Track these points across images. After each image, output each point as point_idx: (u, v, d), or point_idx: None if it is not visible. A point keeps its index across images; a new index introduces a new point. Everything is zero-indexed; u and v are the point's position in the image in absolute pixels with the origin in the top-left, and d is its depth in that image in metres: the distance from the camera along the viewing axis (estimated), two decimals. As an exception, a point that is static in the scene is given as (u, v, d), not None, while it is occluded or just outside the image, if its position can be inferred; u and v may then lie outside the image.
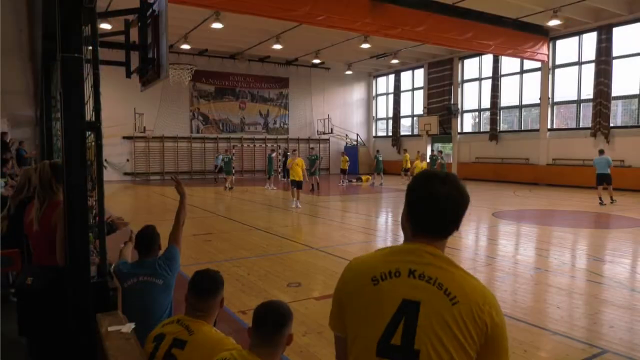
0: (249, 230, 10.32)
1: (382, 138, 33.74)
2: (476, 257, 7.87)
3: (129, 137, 26.13)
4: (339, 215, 12.99)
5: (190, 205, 14.95)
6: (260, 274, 6.61)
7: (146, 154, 26.69)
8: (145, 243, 3.35)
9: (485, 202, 15.63)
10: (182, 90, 26.70)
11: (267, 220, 11.86)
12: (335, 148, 32.56)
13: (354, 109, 33.94)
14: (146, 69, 4.09)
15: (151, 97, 25.20)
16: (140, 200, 17.35)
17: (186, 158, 27.92)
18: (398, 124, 31.44)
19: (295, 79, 31.08)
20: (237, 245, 8.65)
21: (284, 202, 16.21)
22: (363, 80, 34.08)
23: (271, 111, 30.69)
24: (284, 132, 31.18)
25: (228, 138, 28.98)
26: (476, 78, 26.67)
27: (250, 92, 29.92)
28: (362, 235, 9.82)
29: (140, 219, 12.09)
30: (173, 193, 19.34)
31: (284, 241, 9.02)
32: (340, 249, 8.30)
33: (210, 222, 11.70)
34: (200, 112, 28.35)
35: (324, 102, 32.28)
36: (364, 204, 16.05)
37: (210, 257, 7.73)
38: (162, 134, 26.93)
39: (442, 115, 27.91)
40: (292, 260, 7.53)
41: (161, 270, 3.23)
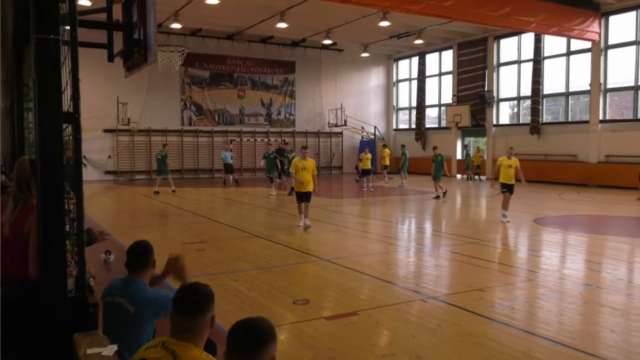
0: (248, 238, 10.33)
1: (404, 131, 33.66)
2: (515, 271, 7.82)
3: (111, 130, 26.37)
4: (353, 221, 12.97)
5: (181, 209, 15.05)
6: (262, 289, 6.62)
7: (130, 149, 26.92)
8: (133, 259, 3.37)
9: (525, 207, 15.50)
10: (172, 77, 26.88)
11: (269, 227, 11.87)
12: (349, 143, 32.57)
13: (371, 97, 33.90)
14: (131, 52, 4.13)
15: (136, 85, 25.40)
16: (123, 203, 17.48)
17: (177, 154, 28.09)
18: (422, 115, 31.35)
19: (303, 62, 31.13)
20: (235, 256, 8.67)
21: (290, 206, 16.24)
22: (382, 63, 34.04)
23: (275, 100, 30.79)
24: (290, 125, 31.26)
25: (225, 131, 29.13)
26: (514, 61, 26.50)
27: (251, 78, 30.04)
28: (381, 245, 9.79)
29: (124, 225, 12.19)
30: (159, 195, 19.54)
31: (290, 251, 9.03)
32: (356, 260, 8.29)
33: (204, 228, 11.74)
34: (192, 102, 28.53)
35: (336, 89, 32.30)
36: (383, 208, 16.00)
37: (203, 269, 7.76)
38: (149, 126, 27.14)
39: (474, 104, 27.76)
40: (299, 273, 7.53)
41: (141, 301, 3.20)
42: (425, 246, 9.82)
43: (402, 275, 7.53)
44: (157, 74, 25.99)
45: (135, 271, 3.34)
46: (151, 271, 3.41)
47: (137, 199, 18.76)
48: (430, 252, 9.23)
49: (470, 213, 15.57)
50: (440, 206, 16.07)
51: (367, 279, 7.15)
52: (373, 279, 7.19)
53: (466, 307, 5.87)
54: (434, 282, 7.10)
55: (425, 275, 7.54)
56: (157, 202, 17.29)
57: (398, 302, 6.09)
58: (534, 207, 15.30)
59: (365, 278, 7.21)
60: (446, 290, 6.75)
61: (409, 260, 8.68)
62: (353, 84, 33.07)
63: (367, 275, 7.33)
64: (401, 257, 8.94)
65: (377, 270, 7.63)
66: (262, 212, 14.58)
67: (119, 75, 19.66)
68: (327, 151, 32.25)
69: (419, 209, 15.41)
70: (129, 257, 3.36)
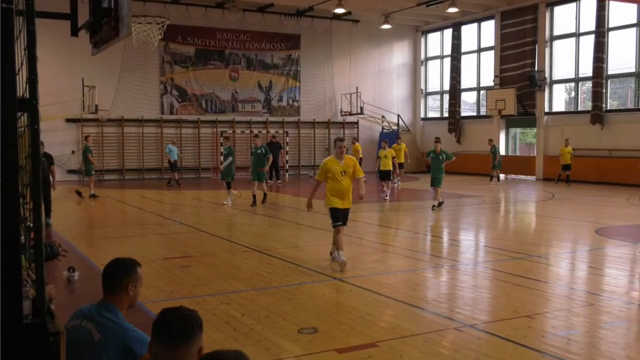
0: (243, 252, 10.36)
1: (435, 121, 33.62)
2: (572, 293, 7.79)
3: (74, 120, 26.58)
4: (371, 231, 12.97)
5: (161, 217, 15.12)
6: (260, 314, 6.64)
7: (99, 143, 27.09)
8: (106, 279, 3.42)
9: (584, 214, 15.41)
10: (150, 54, 27.04)
11: (269, 238, 11.89)
12: (367, 135, 32.57)
13: (393, 79, 33.90)
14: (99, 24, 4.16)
15: (106, 64, 25.55)
16: (91, 209, 17.59)
17: (155, 149, 28.25)
18: (457, 101, 31.29)
19: (310, 36, 31.23)
20: (227, 274, 8.71)
21: (293, 213, 16.24)
22: (407, 37, 34.03)
23: (275, 82, 30.89)
24: (294, 113, 31.35)
25: (214, 121, 29.25)
26: (572, 33, 26.38)
27: (246, 56, 30.16)
28: (406, 261, 9.80)
29: (92, 236, 12.28)
30: (135, 199, 19.63)
31: (294, 268, 9.05)
32: (374, 279, 8.29)
33: (189, 239, 11.79)
34: (174, 85, 28.69)
35: (350, 69, 32.33)
36: (408, 216, 15.98)
37: (188, 289, 7.79)
38: (122, 115, 27.32)
39: (521, 87, 27.66)
40: (305, 295, 7.55)
41: (108, 329, 3.22)
42: (460, 262, 9.80)
43: (431, 298, 7.52)
44: (131, 51, 26.11)
45: (108, 295, 3.38)
46: (128, 297, 3.43)
47: (108, 205, 18.87)
48: (466, 270, 9.20)
49: (516, 221, 15.50)
50: (479, 213, 16.02)
51: (389, 303, 7.15)
52: (396, 302, 7.18)
53: (511, 338, 5.84)
54: (470, 306, 7.08)
55: (460, 298, 7.52)
56: (131, 208, 17.39)
57: (427, 332, 6.08)
58: (595, 215, 15.20)
59: (386, 301, 7.20)
60: (486, 316, 6.73)
61: (440, 280, 8.66)
62: (371, 63, 33.09)
63: (388, 297, 7.32)
64: (430, 275, 8.92)
65: (401, 292, 7.62)
66: (259, 220, 14.62)
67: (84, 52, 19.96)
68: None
69: (453, 217, 15.37)
70: (103, 278, 3.41)
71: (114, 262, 3.49)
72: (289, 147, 29.49)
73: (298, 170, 31.06)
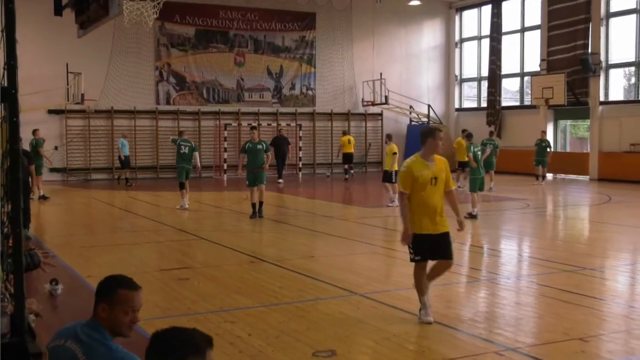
0: (250, 263, 10.36)
1: (471, 112, 33.44)
2: (631, 312, 7.71)
3: (58, 111, 26.79)
4: (398, 239, 12.87)
5: (157, 223, 15.19)
6: (269, 334, 6.64)
7: (85, 138, 27.31)
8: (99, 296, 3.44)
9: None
10: (144, 36, 27.19)
11: (280, 247, 11.91)
12: (392, 128, 32.29)
13: (423, 63, 33.78)
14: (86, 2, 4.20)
15: (94, 48, 25.71)
16: (76, 213, 17.72)
17: (150, 144, 28.40)
18: (497, 89, 31.10)
19: (327, 15, 31.23)
20: (231, 287, 8.72)
21: (307, 218, 16.22)
22: (439, 15, 33.90)
23: (287, 68, 30.93)
24: (308, 103, 31.36)
25: (216, 112, 29.34)
26: (632, 9, 26.12)
27: (253, 38, 30.22)
28: (437, 274, 9.74)
29: (76, 244, 12.35)
30: (127, 202, 19.70)
31: (308, 281, 9.04)
32: (402, 295, 8.26)
33: (188, 248, 11.81)
34: (171, 71, 28.83)
35: (373, 53, 32.28)
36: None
37: (187, 306, 7.82)
38: (111, 106, 27.49)
39: (572, 73, 27.42)
40: (322, 312, 7.53)
41: (95, 351, 3.20)
42: (501, 276, 9.73)
43: (467, 317, 7.48)
44: (122, 32, 26.24)
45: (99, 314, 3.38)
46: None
47: (96, 208, 18.99)
48: (508, 285, 9.14)
49: (566, 228, 15.36)
50: (523, 219, 15.90)
51: (418, 322, 7.12)
52: (426, 322, 7.16)
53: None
54: (513, 327, 7.03)
55: (501, 317, 7.47)
56: (121, 212, 17.49)
57: (462, 356, 6.05)
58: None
59: (414, 320, 7.18)
60: (531, 339, 6.68)
61: (477, 296, 8.62)
62: (397, 46, 32.99)
63: (417, 316, 7.29)
64: (466, 291, 8.87)
65: (434, 310, 7.58)
66: (269, 227, 14.62)
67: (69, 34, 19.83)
68: (361, 140, 32.21)
69: (492, 223, 15.29)
70: (96, 294, 3.44)
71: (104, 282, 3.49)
72: (302, 142, 29.49)
73: (313, 168, 31.06)
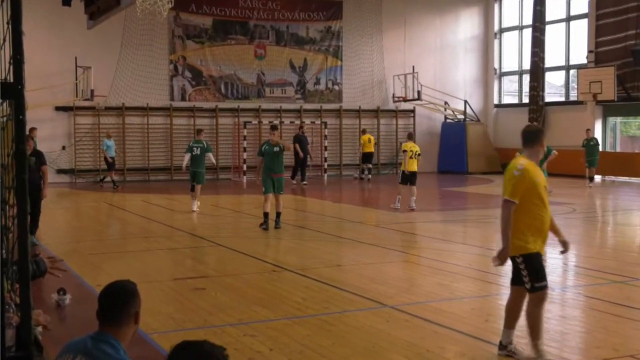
0: (271, 272, 10.38)
1: (511, 108, 33.21)
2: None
3: (66, 108, 27.10)
4: (432, 247, 12.88)
5: (171, 228, 15.28)
6: (293, 349, 6.64)
7: (95, 136, 27.55)
8: (108, 308, 3.43)
9: None
10: (157, 28, 27.39)
11: (303, 254, 11.92)
12: (425, 126, 32.39)
13: (459, 56, 33.65)
14: (97, -9, 4.24)
15: (104, 41, 25.96)
16: (85, 218, 17.87)
17: (164, 143, 28.57)
18: (540, 83, 30.81)
19: (354, 3, 31.28)
20: (251, 298, 8.74)
21: (334, 223, 16.21)
22: (477, 3, 33.76)
23: (311, 61, 30.98)
24: (334, 99, 31.38)
25: (235, 109, 29.48)
26: (688, -5, 25.75)
27: (275, 28, 30.30)
28: (476, 284, 9.71)
29: (85, 251, 12.46)
30: (139, 206, 19.83)
31: (334, 292, 9.04)
32: (435, 307, 8.23)
33: (205, 256, 11.86)
34: (187, 65, 29.01)
35: (405, 44, 32.20)
36: (480, 227, 15.83)
37: (203, 317, 7.84)
38: (122, 102, 27.74)
39: (622, 65, 27.14)
40: (349, 326, 7.52)
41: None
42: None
43: (508, 331, 7.42)
44: (134, 23, 26.47)
45: (110, 326, 3.39)
46: (134, 327, 3.47)
47: (105, 212, 19.15)
48: (552, 296, 9.03)
49: (617, 235, 15.19)
50: (569, 225, 15.75)
51: (454, 337, 7.09)
52: (462, 336, 7.13)
53: (610, 383, 5.74)
54: (558, 342, 6.99)
55: (545, 331, 7.37)
56: (135, 217, 17.60)
57: (502, 374, 6.01)
58: None
59: (450, 335, 7.15)
60: (578, 355, 6.65)
61: (518, 309, 8.55)
62: (431, 36, 32.91)
63: (453, 330, 7.26)
64: (502, 301, 8.80)
65: (470, 324, 7.54)
66: (291, 233, 14.62)
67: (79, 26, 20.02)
68: (392, 139, 32.16)
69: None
70: (101, 305, 3.43)
71: (115, 286, 3.50)
72: (327, 141, 29.49)
73: (339, 170, 31.06)
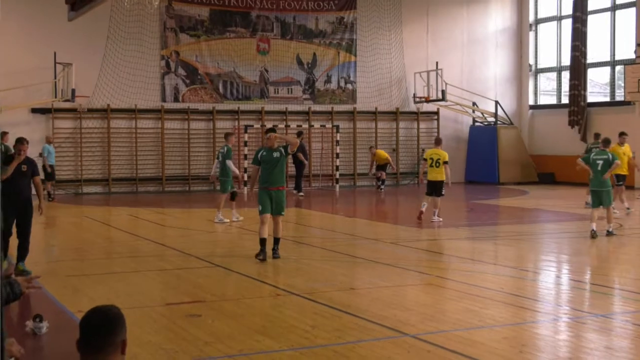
0: (276, 297, 10.36)
1: (549, 110, 33.12)
2: None
3: (43, 110, 27.15)
4: (458, 268, 12.85)
5: (162, 246, 15.29)
6: (299, 384, 6.65)
7: (76, 142, 27.61)
8: (92, 337, 3.44)
9: None
10: (147, 19, 27.49)
11: (312, 276, 11.88)
12: (451, 130, 32.33)
13: (489, 51, 33.62)
14: (79, -21, 4.30)
15: (87, 35, 26.03)
16: (65, 234, 17.87)
17: (154, 151, 28.58)
18: (582, 81, 30.70)
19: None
20: (254, 326, 8.71)
21: (346, 241, 16.19)
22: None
23: (321, 56, 31.01)
24: (347, 99, 31.37)
25: (235, 111, 29.49)
26: None
27: (280, 19, 30.35)
28: (508, 311, 9.66)
29: (64, 272, 12.46)
30: (126, 221, 19.81)
31: (347, 319, 9.01)
32: (463, 336, 8.20)
33: (200, 278, 11.81)
34: (180, 61, 29.06)
35: (427, 38, 32.23)
36: (512, 245, 15.80)
37: (199, 348, 7.83)
38: (108, 103, 27.78)
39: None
40: (364, 358, 7.49)
41: None
42: (587, 313, 9.62)
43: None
44: (121, 14, 26.56)
45: (93, 357, 3.41)
46: (120, 359, 3.48)
47: (88, 228, 19.15)
48: (596, 324, 9.00)
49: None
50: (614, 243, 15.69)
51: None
52: (493, 370, 7.11)
53: None
54: (603, 377, 6.94)
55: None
56: (121, 234, 17.60)
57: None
58: None
59: (478, 368, 7.13)
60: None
61: (557, 338, 8.52)
62: (458, 29, 32.90)
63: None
64: (545, 332, 8.76)
65: (502, 355, 7.51)
66: (299, 251, 14.59)
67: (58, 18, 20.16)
68: (412, 145, 32.11)
69: (575, 248, 15.14)
70: (83, 333, 3.43)
71: (99, 312, 3.50)
72: (340, 147, 29.43)
73: (353, 180, 31.02)
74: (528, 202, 23.40)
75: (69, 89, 26.24)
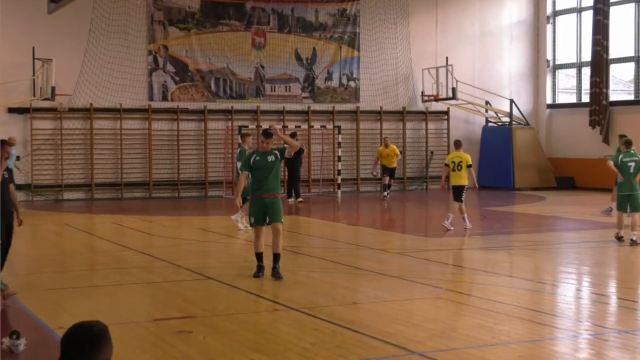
0: (273, 312, 10.35)
1: (568, 109, 33.13)
2: None
3: (20, 110, 27.21)
4: (470, 280, 12.89)
5: (150, 257, 15.26)
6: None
7: (57, 145, 27.60)
8: (71, 354, 3.42)
9: None
10: (133, 11, 27.55)
11: (312, 290, 11.88)
12: (463, 131, 32.26)
13: (504, 45, 33.67)
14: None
15: (68, 29, 26.08)
16: (43, 245, 17.83)
17: (140, 153, 28.58)
18: (604, 78, 30.67)
19: (374, -17, 31.30)
20: (248, 344, 8.69)
21: (349, 251, 16.15)
22: (523, -17, 33.76)
23: (322, 51, 31.05)
24: (350, 97, 31.39)
25: (228, 110, 29.52)
26: None
27: (277, 12, 30.39)
28: (523, 327, 9.62)
29: (43, 285, 12.40)
30: (110, 229, 19.79)
31: (350, 335, 8.98)
32: (476, 354, 8.17)
33: (190, 291, 11.81)
34: (169, 56, 29.09)
35: (436, 31, 32.28)
36: (528, 256, 15.77)
37: (188, 368, 7.81)
38: (90, 102, 27.81)
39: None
40: (367, 379, 7.48)
41: None
42: (610, 329, 9.58)
43: (565, 386, 7.34)
44: (105, 6, 26.61)
45: None
46: None
47: (69, 238, 19.13)
48: (620, 341, 8.97)
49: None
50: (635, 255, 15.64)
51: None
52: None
53: None
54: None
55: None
56: (105, 244, 17.57)
57: None
58: None
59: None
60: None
61: (577, 357, 8.50)
62: (469, 22, 32.99)
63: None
64: (564, 350, 8.73)
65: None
66: (298, 263, 14.55)
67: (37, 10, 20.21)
68: (420, 147, 32.13)
69: (596, 259, 15.13)
70: (64, 351, 3.41)
71: (81, 328, 3.47)
72: (342, 149, 29.42)
73: (357, 185, 31.01)
74: (546, 209, 23.39)
75: (49, 86, 26.18)
